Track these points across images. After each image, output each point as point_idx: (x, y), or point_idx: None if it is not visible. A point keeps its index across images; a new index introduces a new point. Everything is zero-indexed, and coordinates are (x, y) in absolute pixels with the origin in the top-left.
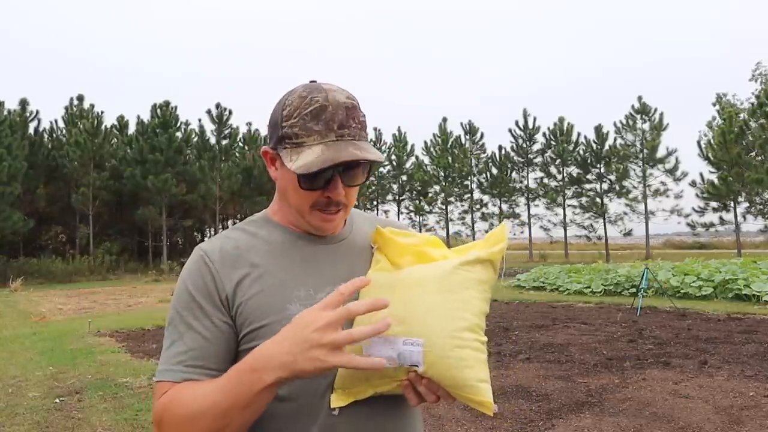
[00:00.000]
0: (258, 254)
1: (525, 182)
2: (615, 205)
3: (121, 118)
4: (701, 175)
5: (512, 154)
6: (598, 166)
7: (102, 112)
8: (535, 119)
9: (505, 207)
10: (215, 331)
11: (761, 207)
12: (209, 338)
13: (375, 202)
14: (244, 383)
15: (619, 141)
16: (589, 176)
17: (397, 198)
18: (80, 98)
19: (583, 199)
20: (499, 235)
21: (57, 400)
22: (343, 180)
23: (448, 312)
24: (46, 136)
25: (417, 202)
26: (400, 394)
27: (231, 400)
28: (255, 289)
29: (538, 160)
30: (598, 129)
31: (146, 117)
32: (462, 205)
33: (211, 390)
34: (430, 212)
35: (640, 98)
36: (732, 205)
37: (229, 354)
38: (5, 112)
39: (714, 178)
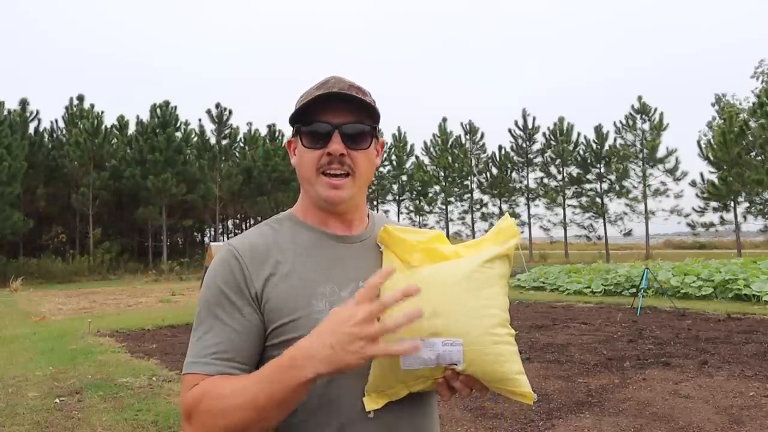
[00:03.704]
0: (286, 252)
1: (525, 182)
2: (615, 205)
3: (121, 118)
4: (701, 175)
5: (512, 154)
6: (598, 166)
7: (102, 112)
8: (534, 119)
9: (505, 207)
10: (246, 324)
11: (761, 207)
12: (239, 331)
13: (375, 202)
14: (283, 379)
15: (619, 141)
16: (589, 176)
17: (397, 198)
18: (80, 98)
19: (583, 199)
20: (509, 229)
21: (57, 400)
22: (345, 141)
23: (480, 310)
24: (46, 136)
25: (417, 202)
26: (426, 391)
27: (268, 394)
28: (282, 285)
29: (538, 160)
30: (598, 129)
31: (146, 117)
32: (462, 205)
33: (248, 384)
34: (430, 212)
35: (640, 98)
36: (732, 205)
37: (257, 348)
38: (5, 112)
39: (714, 178)
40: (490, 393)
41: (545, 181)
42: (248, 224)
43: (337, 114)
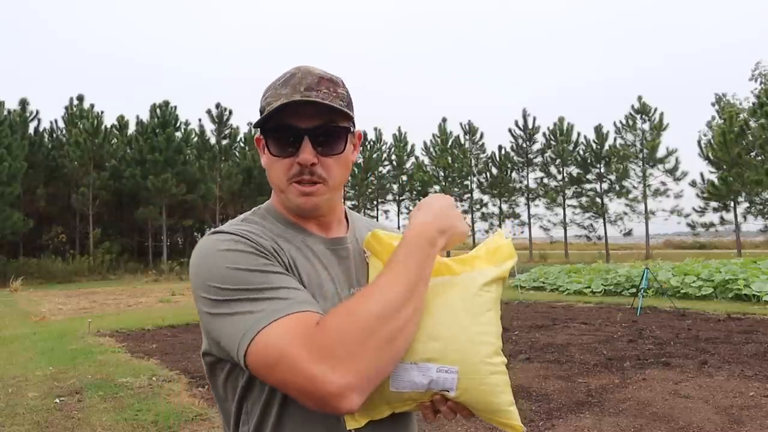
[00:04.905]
0: (287, 244)
1: (525, 182)
2: (615, 205)
3: (121, 118)
4: (701, 175)
5: (512, 154)
6: (598, 166)
7: (102, 112)
8: (534, 119)
9: (505, 207)
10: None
11: (761, 207)
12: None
13: (375, 202)
14: (424, 250)
15: (619, 141)
16: (589, 176)
17: (397, 198)
18: (80, 98)
19: (583, 199)
20: (507, 249)
21: (57, 400)
22: (317, 147)
23: (477, 337)
24: (46, 136)
25: (417, 202)
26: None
27: (416, 273)
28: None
29: (538, 160)
30: (598, 129)
31: (146, 117)
32: (462, 205)
33: (388, 276)
34: None
35: (640, 98)
36: (732, 205)
37: None
38: (5, 112)
39: (714, 178)
40: (473, 416)
41: (545, 181)
42: None
43: (306, 116)
